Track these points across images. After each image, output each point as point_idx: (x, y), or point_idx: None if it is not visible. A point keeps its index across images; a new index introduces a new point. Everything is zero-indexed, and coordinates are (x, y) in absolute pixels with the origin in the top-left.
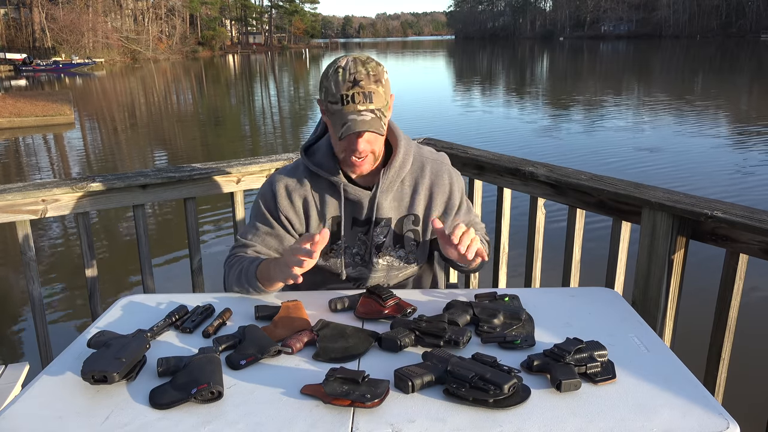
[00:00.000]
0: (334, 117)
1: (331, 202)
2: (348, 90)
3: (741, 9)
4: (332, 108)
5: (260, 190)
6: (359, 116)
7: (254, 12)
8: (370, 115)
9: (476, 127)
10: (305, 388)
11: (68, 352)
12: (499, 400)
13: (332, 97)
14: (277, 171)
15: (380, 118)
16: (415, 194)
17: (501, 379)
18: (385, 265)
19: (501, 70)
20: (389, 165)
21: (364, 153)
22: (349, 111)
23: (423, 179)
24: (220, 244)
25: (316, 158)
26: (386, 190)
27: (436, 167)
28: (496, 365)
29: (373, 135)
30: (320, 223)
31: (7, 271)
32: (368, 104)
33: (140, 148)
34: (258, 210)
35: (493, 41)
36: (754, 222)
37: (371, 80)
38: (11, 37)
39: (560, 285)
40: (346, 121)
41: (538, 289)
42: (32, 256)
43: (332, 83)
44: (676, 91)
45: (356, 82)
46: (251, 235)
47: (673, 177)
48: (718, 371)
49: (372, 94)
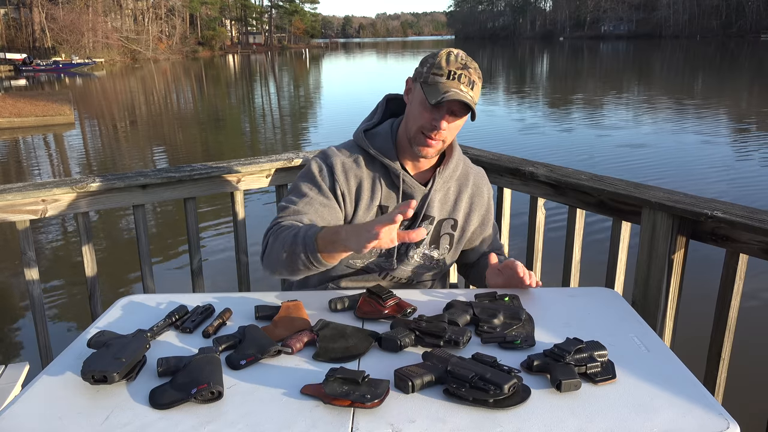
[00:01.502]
0: (432, 87)
1: (383, 190)
2: (458, 69)
3: (741, 9)
4: (434, 79)
5: (311, 162)
6: (461, 92)
7: (254, 12)
8: (470, 99)
9: (476, 127)
10: (305, 388)
11: (68, 352)
12: (499, 400)
13: (439, 69)
14: (329, 148)
15: (471, 108)
16: (458, 200)
17: (501, 379)
18: (418, 261)
19: (501, 70)
20: (445, 164)
21: (441, 135)
22: (452, 85)
23: (466, 188)
24: (220, 244)
25: (376, 143)
26: (439, 189)
27: (478, 180)
28: (496, 365)
29: (455, 124)
30: (369, 207)
31: (7, 271)
32: (469, 90)
33: (140, 148)
34: (310, 179)
35: (493, 41)
36: (754, 222)
37: (477, 74)
38: (11, 37)
39: (560, 285)
40: (447, 90)
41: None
42: (32, 256)
43: (442, 60)
44: (676, 91)
45: (466, 66)
46: (303, 204)
47: (673, 177)
48: (718, 371)
49: (475, 84)
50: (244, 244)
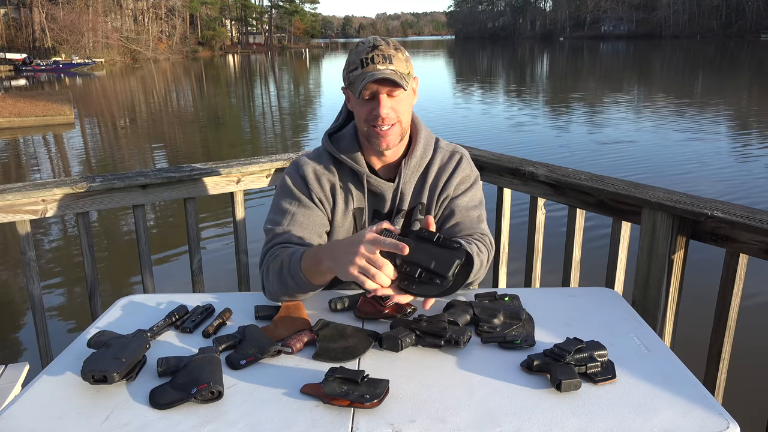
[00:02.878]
0: (354, 84)
1: (354, 192)
2: (367, 54)
3: (741, 9)
4: (352, 75)
5: (285, 177)
6: (377, 71)
7: (254, 12)
8: (390, 72)
9: (476, 127)
10: (305, 387)
11: (68, 352)
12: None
13: (352, 65)
14: (298, 158)
15: (402, 78)
16: (425, 184)
17: (445, 269)
18: None
19: (501, 70)
20: (410, 155)
21: (388, 119)
22: (368, 70)
23: (432, 170)
24: (220, 244)
25: (341, 146)
26: (409, 180)
27: (451, 161)
28: (440, 243)
29: (397, 99)
30: (345, 212)
31: (7, 271)
32: (388, 64)
33: (140, 148)
34: (287, 193)
35: (493, 41)
36: (754, 222)
37: (390, 46)
38: (11, 37)
39: (560, 285)
40: (365, 78)
41: (538, 289)
42: (32, 256)
43: (353, 54)
44: (676, 91)
45: (376, 46)
46: (286, 223)
47: (673, 177)
48: (718, 371)
49: (392, 56)
50: (244, 244)
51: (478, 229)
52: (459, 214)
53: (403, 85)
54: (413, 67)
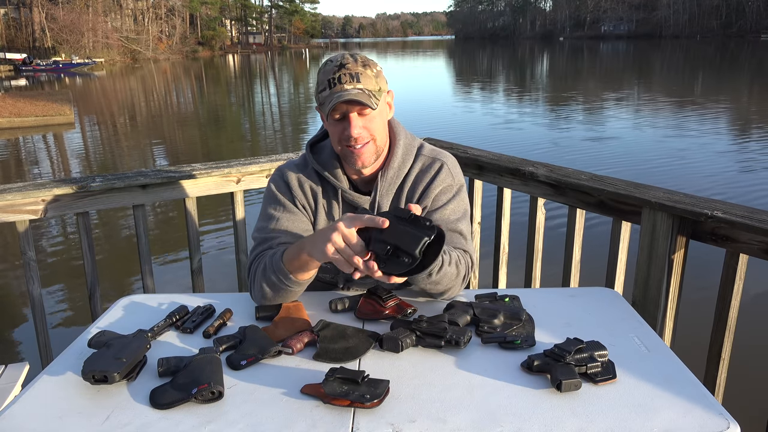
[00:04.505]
0: (324, 105)
1: (335, 204)
2: (334, 74)
3: (741, 9)
4: (322, 97)
5: (270, 184)
6: (344, 91)
7: (254, 12)
8: (357, 92)
9: (475, 126)
10: (305, 387)
11: (68, 352)
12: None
13: (321, 85)
14: (283, 165)
15: (370, 96)
16: (401, 193)
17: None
18: None
19: (501, 70)
20: (387, 166)
21: (360, 138)
22: (336, 90)
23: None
24: (220, 244)
25: (321, 157)
26: (386, 193)
27: (431, 170)
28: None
29: (368, 118)
30: (326, 221)
31: (7, 271)
32: (355, 83)
33: (140, 148)
34: (272, 199)
35: (493, 41)
36: (754, 222)
37: (358, 64)
38: (11, 37)
39: (560, 285)
40: (332, 99)
41: (538, 290)
42: (32, 256)
43: (321, 74)
44: (676, 91)
45: (342, 65)
46: (272, 229)
47: (673, 176)
48: (718, 371)
49: (359, 74)
50: (244, 244)
51: (460, 246)
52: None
53: (371, 105)
54: (386, 81)
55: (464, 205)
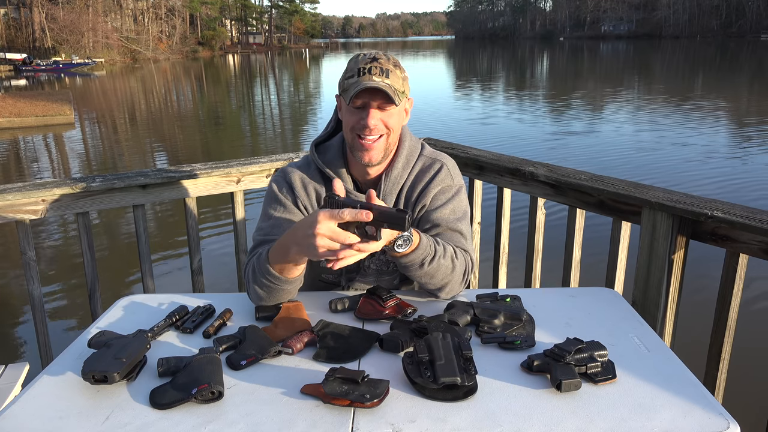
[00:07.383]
0: (348, 91)
1: None
2: (366, 64)
3: (741, 9)
4: (348, 83)
5: (271, 184)
6: (373, 81)
7: (254, 12)
8: (385, 85)
9: (475, 126)
10: (305, 387)
11: (68, 352)
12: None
13: (349, 72)
14: (287, 165)
15: (395, 93)
16: (401, 195)
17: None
18: (374, 269)
19: (501, 70)
20: (391, 167)
21: (375, 129)
22: (364, 79)
23: (410, 181)
24: (220, 244)
25: (327, 157)
26: (389, 193)
27: (431, 172)
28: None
29: (387, 113)
30: None
31: (7, 271)
32: (384, 78)
33: (140, 148)
34: (273, 200)
35: (493, 41)
36: (754, 222)
37: (390, 62)
38: (11, 37)
39: (560, 285)
40: (358, 85)
41: (538, 290)
42: (32, 256)
43: (351, 63)
44: (676, 91)
45: (375, 59)
46: (270, 229)
47: (673, 176)
48: (718, 371)
49: (389, 71)
50: (244, 244)
51: (460, 245)
52: (441, 227)
53: (395, 101)
54: (410, 88)
55: (464, 206)
